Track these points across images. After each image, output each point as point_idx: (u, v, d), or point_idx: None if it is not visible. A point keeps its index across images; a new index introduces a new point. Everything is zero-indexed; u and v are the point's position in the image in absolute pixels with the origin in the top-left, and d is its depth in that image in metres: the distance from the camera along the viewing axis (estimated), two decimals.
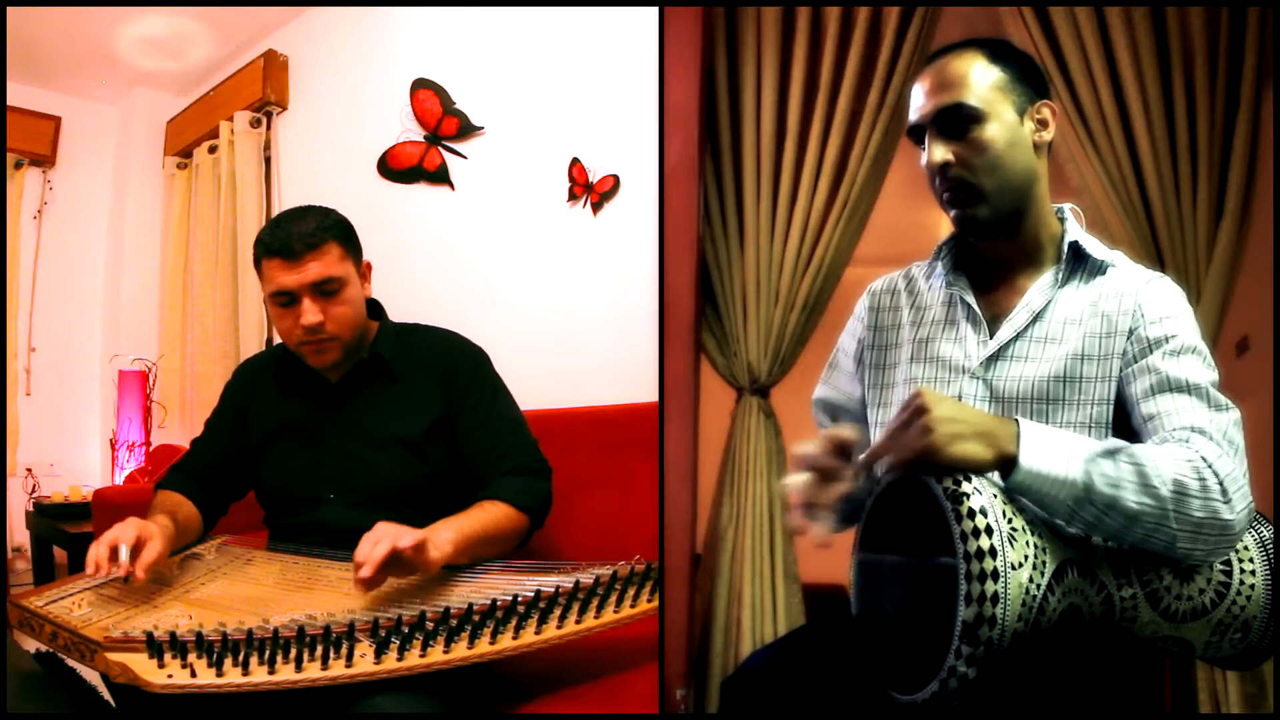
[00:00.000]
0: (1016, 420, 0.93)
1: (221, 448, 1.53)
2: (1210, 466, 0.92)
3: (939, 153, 1.10)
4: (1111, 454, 0.92)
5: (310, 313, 1.35)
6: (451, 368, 1.46)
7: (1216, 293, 1.81)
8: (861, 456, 0.98)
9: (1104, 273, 1.13)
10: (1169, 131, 1.86)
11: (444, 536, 1.19)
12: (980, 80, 1.09)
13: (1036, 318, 1.12)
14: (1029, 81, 1.12)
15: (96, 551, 1.17)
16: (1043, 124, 1.13)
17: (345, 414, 1.44)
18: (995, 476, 0.92)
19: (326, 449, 1.43)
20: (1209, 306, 1.80)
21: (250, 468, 1.50)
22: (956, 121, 1.09)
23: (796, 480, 1.01)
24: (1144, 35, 1.86)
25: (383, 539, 1.11)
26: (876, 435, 1.22)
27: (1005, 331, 1.12)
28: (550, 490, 1.43)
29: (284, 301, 1.36)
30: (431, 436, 1.41)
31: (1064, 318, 1.11)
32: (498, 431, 1.43)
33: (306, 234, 1.34)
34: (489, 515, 1.30)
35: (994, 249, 1.16)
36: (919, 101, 1.13)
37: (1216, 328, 1.80)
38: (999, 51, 1.12)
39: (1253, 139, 1.82)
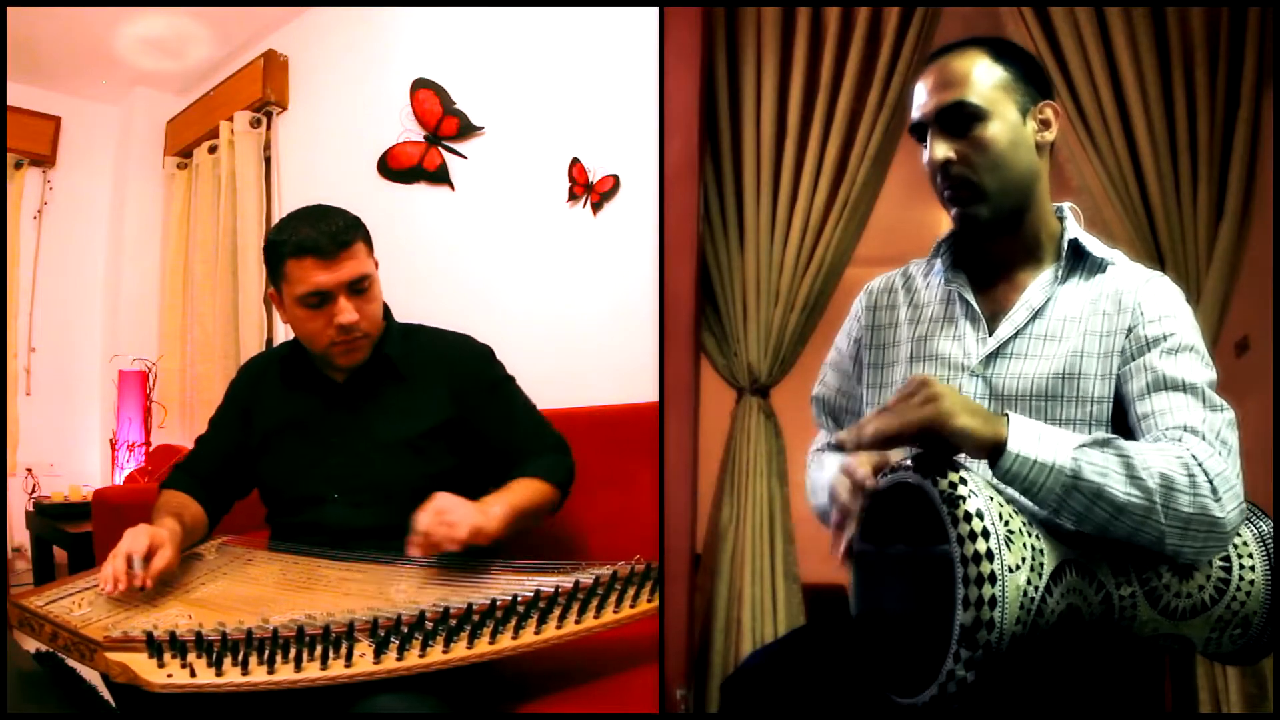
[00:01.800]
0: (1007, 414, 0.94)
1: (226, 446, 1.53)
2: (1200, 464, 0.93)
3: (941, 150, 1.10)
4: (1100, 444, 0.92)
5: (348, 311, 1.34)
6: (462, 370, 1.46)
7: (1216, 293, 1.81)
8: (868, 431, 0.92)
9: (1104, 271, 1.13)
10: (1169, 131, 1.86)
11: (494, 511, 1.24)
12: (983, 79, 1.09)
13: (1036, 315, 1.12)
14: (1032, 81, 1.12)
15: (114, 565, 1.17)
16: (1045, 124, 1.13)
17: (351, 414, 1.44)
18: (990, 477, 0.92)
19: (331, 449, 1.43)
20: (1209, 306, 1.80)
21: (254, 466, 1.50)
22: (959, 119, 1.09)
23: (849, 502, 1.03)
24: (1144, 35, 1.86)
25: (458, 523, 1.17)
26: None
27: (1005, 329, 1.12)
28: (573, 463, 1.49)
29: (315, 303, 1.35)
30: (436, 438, 1.41)
31: (1064, 315, 1.11)
32: (520, 421, 1.50)
33: (338, 232, 1.34)
34: (530, 490, 1.36)
35: (994, 247, 1.16)
36: (921, 99, 1.12)
37: (1216, 328, 1.80)
38: (1002, 50, 1.12)
39: (1253, 139, 1.82)
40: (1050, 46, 1.90)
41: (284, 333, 3.20)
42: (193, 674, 0.98)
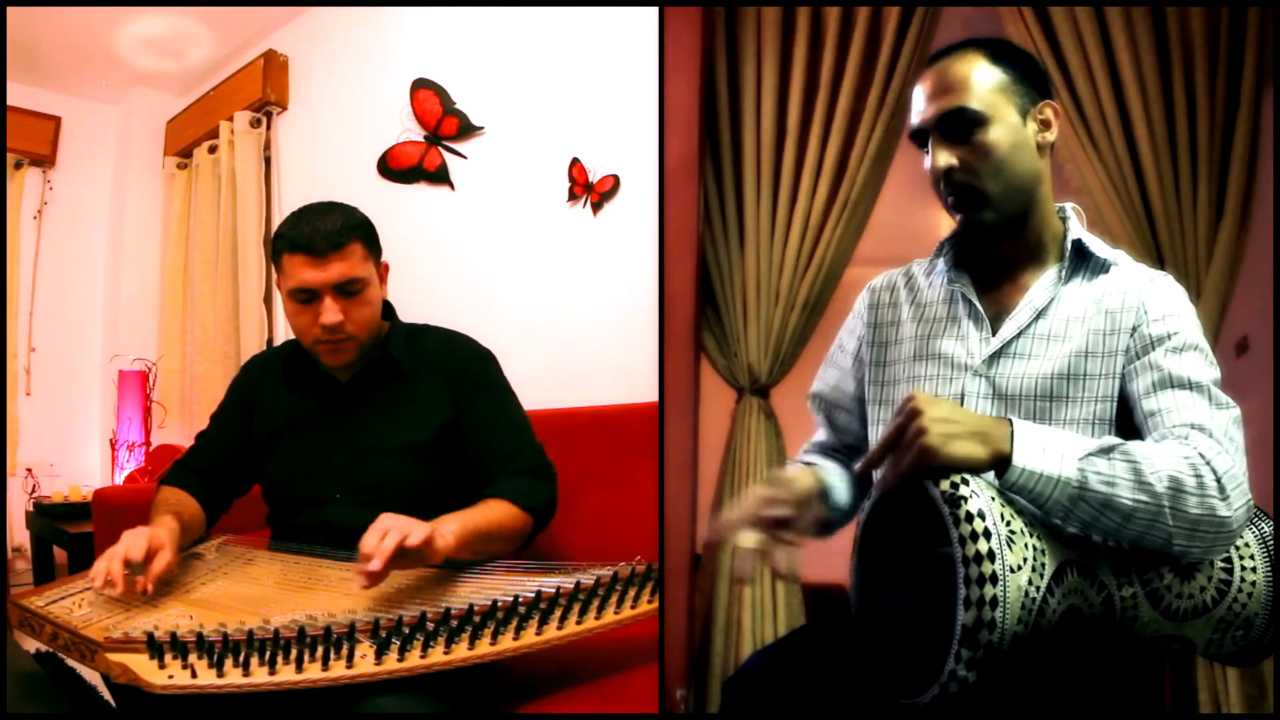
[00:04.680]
0: (1010, 420, 0.94)
1: (227, 443, 1.52)
2: (1208, 463, 0.93)
3: (943, 158, 1.09)
4: (1106, 451, 0.92)
5: (331, 312, 1.33)
6: (460, 370, 1.45)
7: (1216, 293, 1.82)
8: (856, 466, 0.99)
9: (1107, 271, 1.13)
10: (1169, 131, 1.86)
11: (447, 528, 1.19)
12: (982, 82, 1.09)
13: (1039, 315, 1.12)
14: (1031, 82, 1.12)
15: (109, 566, 1.15)
16: (1045, 124, 1.12)
17: (354, 414, 1.44)
18: (992, 478, 0.92)
19: (334, 449, 1.43)
20: (1209, 306, 1.80)
21: (255, 464, 1.50)
22: (959, 126, 1.08)
23: (744, 540, 1.05)
24: (1144, 35, 1.86)
25: (391, 530, 1.10)
26: (876, 432, 1.22)
27: (1008, 329, 1.12)
28: (555, 494, 1.42)
29: (304, 299, 1.35)
30: (439, 441, 1.41)
31: (1067, 315, 1.11)
32: (505, 434, 1.43)
33: (333, 232, 1.33)
34: (493, 512, 1.30)
35: (997, 248, 1.16)
36: (920, 105, 1.12)
37: (1216, 328, 1.80)
38: (1000, 52, 1.12)
39: (1253, 139, 1.82)
40: (1050, 46, 1.91)
41: (284, 333, 3.20)
42: (194, 675, 0.98)
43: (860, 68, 2.07)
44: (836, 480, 1.22)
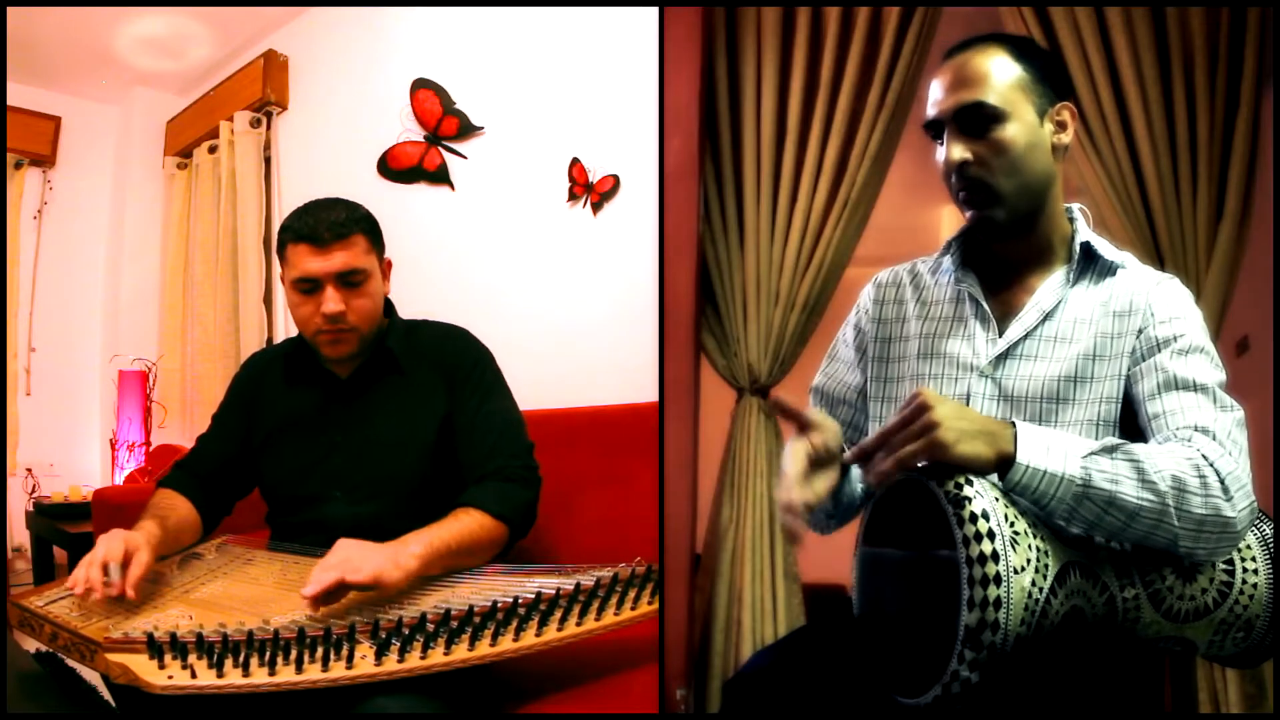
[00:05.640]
0: (1013, 422, 0.93)
1: (228, 444, 1.52)
2: (1212, 464, 0.93)
3: (958, 151, 1.08)
4: (1109, 451, 0.92)
5: (333, 301, 1.34)
6: (453, 365, 1.45)
7: (1216, 293, 1.81)
8: (852, 450, 0.97)
9: (1114, 274, 1.12)
10: (1169, 131, 1.86)
11: (410, 551, 1.17)
12: (1002, 78, 1.08)
13: (1047, 317, 1.11)
14: (1051, 82, 1.11)
15: (88, 573, 1.14)
16: (1062, 126, 1.11)
17: (353, 411, 1.44)
18: (995, 479, 0.92)
19: (334, 446, 1.42)
20: (1209, 306, 1.80)
21: (256, 464, 1.50)
22: (977, 120, 1.07)
23: (793, 471, 1.00)
24: (1144, 35, 1.86)
25: (333, 567, 1.10)
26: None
27: (1015, 330, 1.12)
28: (534, 499, 1.39)
29: (306, 289, 1.36)
30: (440, 436, 1.41)
31: (1074, 317, 1.10)
32: (484, 429, 1.40)
33: (336, 223, 1.35)
34: (462, 526, 1.27)
35: (1005, 248, 1.15)
36: (938, 96, 1.11)
37: (1216, 328, 1.80)
38: (1022, 49, 1.11)
39: (1253, 139, 1.82)
40: (1050, 47, 1.90)
41: (283, 333, 3.20)
42: (193, 675, 0.98)
43: (860, 68, 2.06)
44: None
